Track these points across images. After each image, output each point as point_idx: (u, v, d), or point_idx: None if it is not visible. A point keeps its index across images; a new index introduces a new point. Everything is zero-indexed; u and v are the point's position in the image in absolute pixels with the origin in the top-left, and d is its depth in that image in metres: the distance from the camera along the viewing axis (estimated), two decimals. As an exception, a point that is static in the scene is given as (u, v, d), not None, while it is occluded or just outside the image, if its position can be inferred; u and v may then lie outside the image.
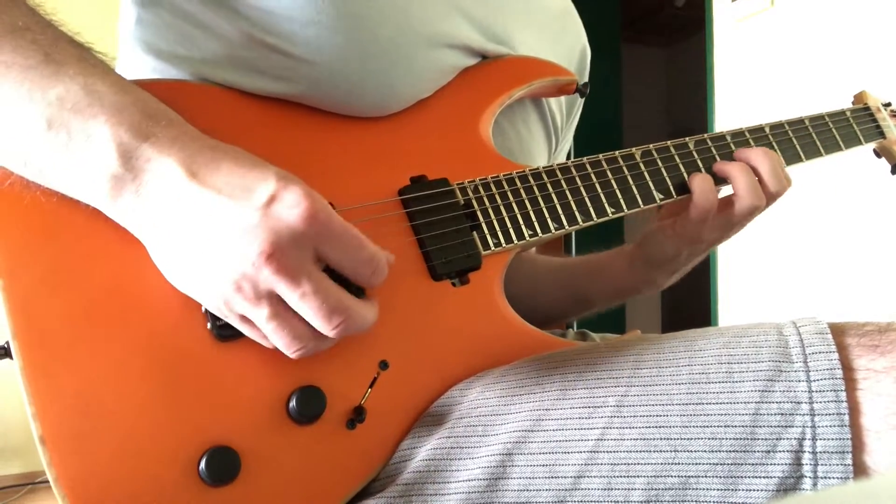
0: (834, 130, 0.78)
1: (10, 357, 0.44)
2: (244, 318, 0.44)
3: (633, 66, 3.81)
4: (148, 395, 0.45)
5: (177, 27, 0.56)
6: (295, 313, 0.43)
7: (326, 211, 0.43)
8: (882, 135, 0.83)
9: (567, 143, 0.87)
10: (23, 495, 2.18)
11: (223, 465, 0.45)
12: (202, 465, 0.45)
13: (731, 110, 1.98)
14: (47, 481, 0.43)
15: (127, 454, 0.44)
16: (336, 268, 0.45)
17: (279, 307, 0.43)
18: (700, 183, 0.65)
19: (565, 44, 0.80)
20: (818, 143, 0.76)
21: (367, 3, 0.57)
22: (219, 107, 0.55)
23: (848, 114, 0.81)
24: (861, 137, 0.81)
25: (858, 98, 0.86)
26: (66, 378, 0.44)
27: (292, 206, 0.41)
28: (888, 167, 0.88)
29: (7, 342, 0.44)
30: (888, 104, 0.87)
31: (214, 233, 0.42)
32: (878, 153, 0.87)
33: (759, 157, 0.67)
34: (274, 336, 0.44)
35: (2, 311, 0.44)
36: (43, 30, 0.46)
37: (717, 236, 0.68)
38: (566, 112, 0.81)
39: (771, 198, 0.66)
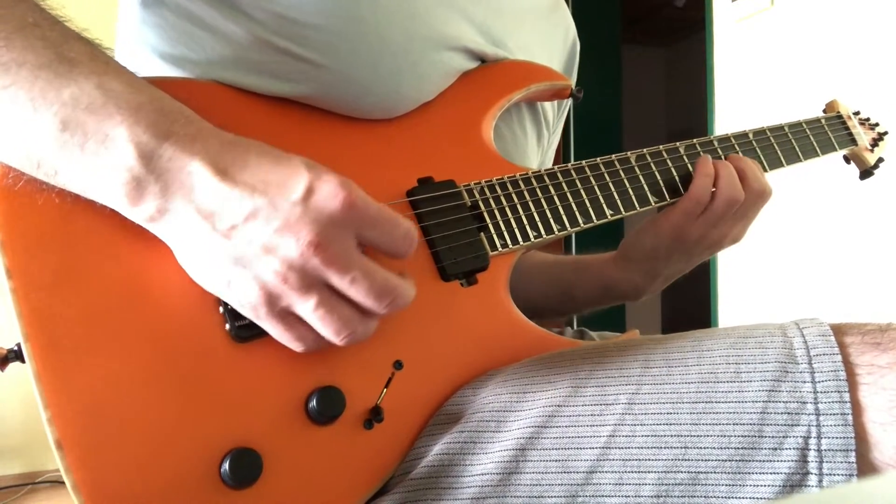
0: (811, 137, 0.83)
1: (22, 360, 0.43)
2: (282, 315, 0.44)
3: (633, 66, 3.81)
4: (166, 397, 0.44)
5: (182, 28, 0.56)
6: (341, 299, 0.44)
7: (362, 196, 0.43)
8: (854, 142, 0.88)
9: (556, 137, 0.88)
10: (23, 495, 2.17)
11: (247, 466, 0.44)
12: (225, 466, 0.44)
13: (731, 110, 1.98)
14: (47, 481, 0.42)
15: (146, 458, 0.43)
16: (375, 247, 0.46)
17: (327, 294, 0.43)
18: (699, 177, 0.69)
19: (556, 39, 0.82)
20: (797, 148, 0.81)
21: (376, 7, 0.57)
22: (225, 105, 0.54)
23: (823, 121, 0.86)
24: (835, 144, 0.85)
25: (830, 106, 0.91)
26: (82, 381, 0.42)
27: (331, 196, 0.42)
28: (857, 172, 0.93)
29: (18, 345, 0.43)
30: (857, 113, 0.92)
31: (253, 231, 0.42)
32: (847, 159, 0.92)
33: (741, 160, 0.72)
34: (323, 323, 0.44)
35: (12, 314, 0.43)
36: (52, 26, 0.45)
37: (700, 234, 0.70)
38: (556, 109, 0.82)
39: (751, 196, 0.70)
